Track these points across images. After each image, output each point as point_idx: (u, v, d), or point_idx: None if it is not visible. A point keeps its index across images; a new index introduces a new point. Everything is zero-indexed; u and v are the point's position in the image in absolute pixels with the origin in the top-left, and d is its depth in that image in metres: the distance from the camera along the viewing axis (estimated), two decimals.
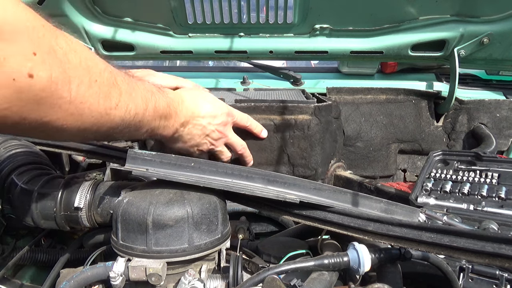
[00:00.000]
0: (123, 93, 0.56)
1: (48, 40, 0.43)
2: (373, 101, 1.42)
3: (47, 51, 0.43)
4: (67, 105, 0.47)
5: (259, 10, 1.28)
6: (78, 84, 0.47)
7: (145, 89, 0.64)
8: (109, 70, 0.54)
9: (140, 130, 0.66)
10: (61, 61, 0.45)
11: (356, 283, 0.67)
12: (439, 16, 1.26)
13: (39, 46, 0.41)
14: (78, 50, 0.48)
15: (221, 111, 0.85)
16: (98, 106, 0.52)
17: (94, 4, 1.31)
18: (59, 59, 0.44)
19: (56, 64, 0.44)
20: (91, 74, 0.50)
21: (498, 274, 0.67)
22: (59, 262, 0.87)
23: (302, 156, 1.02)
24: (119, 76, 0.57)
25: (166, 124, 0.73)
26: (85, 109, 0.50)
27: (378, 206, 0.70)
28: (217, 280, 0.65)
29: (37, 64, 0.41)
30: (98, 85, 0.51)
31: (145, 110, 0.63)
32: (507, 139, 1.36)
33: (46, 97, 0.44)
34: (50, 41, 0.43)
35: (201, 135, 0.83)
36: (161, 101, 0.68)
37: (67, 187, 0.80)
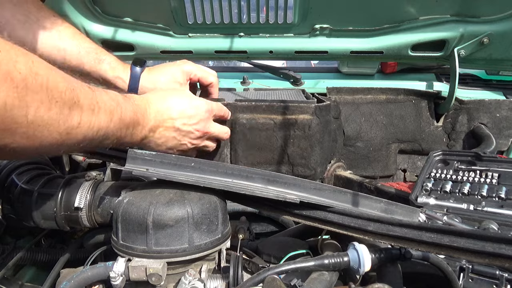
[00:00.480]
0: (85, 110, 0.55)
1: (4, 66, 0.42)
2: (373, 101, 1.42)
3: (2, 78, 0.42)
4: (24, 129, 0.46)
5: (259, 10, 1.28)
6: (37, 107, 0.46)
7: (110, 100, 0.63)
8: (70, 88, 0.53)
9: (105, 141, 0.64)
10: (18, 87, 0.43)
11: (356, 283, 0.67)
12: (439, 16, 1.26)
13: None
14: (40, 73, 0.47)
15: (197, 110, 0.83)
16: (58, 127, 0.51)
17: (94, 4, 1.31)
18: (15, 85, 0.43)
19: (11, 91, 0.42)
20: (52, 96, 0.48)
21: (498, 274, 0.67)
22: (59, 262, 0.87)
23: (302, 156, 1.02)
24: (82, 93, 0.55)
25: (133, 132, 0.71)
26: (44, 131, 0.49)
27: (378, 206, 0.70)
28: (217, 280, 0.65)
29: None
30: (59, 106, 0.50)
31: (110, 122, 0.62)
32: (507, 139, 1.36)
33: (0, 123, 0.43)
34: (7, 66, 0.42)
35: (177, 137, 0.81)
36: (127, 110, 0.67)
37: (67, 187, 0.80)
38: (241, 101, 1.02)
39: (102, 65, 0.91)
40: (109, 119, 0.61)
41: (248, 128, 1.01)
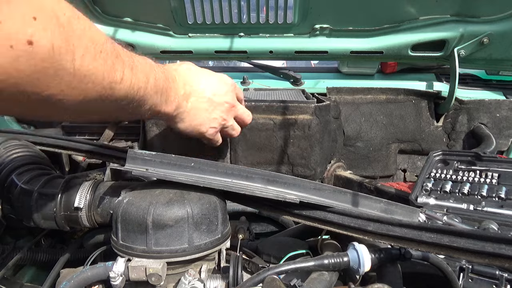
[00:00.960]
0: (127, 67, 0.53)
1: (50, 4, 0.39)
2: (373, 101, 1.42)
3: (49, 16, 0.39)
4: (70, 78, 0.43)
5: (259, 10, 1.28)
6: (83, 54, 0.44)
7: (145, 63, 0.62)
8: (110, 41, 0.51)
9: (143, 106, 0.63)
10: (64, 29, 0.40)
11: (356, 283, 0.67)
12: (439, 16, 1.26)
13: (40, 10, 0.37)
14: (81, 18, 0.44)
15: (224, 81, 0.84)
16: (102, 79, 0.48)
17: (94, 4, 1.31)
18: (62, 26, 0.40)
19: (58, 32, 0.39)
20: (96, 44, 0.46)
21: (498, 274, 0.67)
22: (59, 262, 0.87)
23: (302, 156, 1.02)
24: (120, 49, 0.54)
25: (167, 99, 0.70)
26: (89, 83, 0.46)
27: (378, 206, 0.70)
28: (217, 280, 0.65)
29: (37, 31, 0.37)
30: (103, 57, 0.47)
31: (147, 84, 0.60)
32: (507, 139, 1.36)
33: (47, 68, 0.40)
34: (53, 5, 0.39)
35: (209, 108, 0.80)
36: (159, 74, 0.66)
37: (67, 187, 0.80)
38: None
39: None
40: (146, 79, 0.60)
41: (248, 128, 1.01)
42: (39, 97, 0.42)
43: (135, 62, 0.57)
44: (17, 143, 0.94)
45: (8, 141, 0.94)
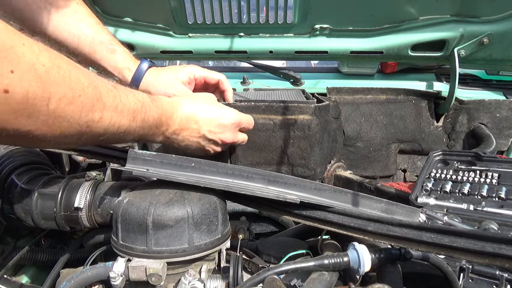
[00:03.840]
0: (107, 107, 0.58)
1: (28, 58, 0.45)
2: (373, 101, 1.42)
3: (26, 69, 0.44)
4: (45, 118, 0.49)
5: (259, 10, 1.28)
6: (59, 98, 0.49)
7: (135, 101, 0.66)
8: (93, 85, 0.55)
9: (126, 137, 0.67)
10: (41, 78, 0.46)
11: (356, 283, 0.67)
12: (439, 16, 1.26)
13: (17, 64, 0.43)
14: (63, 67, 0.50)
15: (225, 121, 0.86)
16: (79, 119, 0.53)
17: (94, 4, 1.31)
18: (39, 76, 0.46)
19: (34, 81, 0.45)
20: (75, 89, 0.51)
21: (498, 274, 0.67)
22: (59, 262, 0.87)
23: (302, 156, 1.02)
24: (104, 91, 0.58)
25: (155, 132, 0.74)
26: (64, 122, 0.51)
27: (378, 206, 0.70)
28: (217, 280, 0.65)
29: (13, 82, 0.43)
30: (81, 100, 0.52)
31: (132, 121, 0.64)
32: (507, 139, 1.36)
33: (22, 110, 0.45)
34: (31, 59, 0.45)
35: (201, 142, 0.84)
36: (152, 112, 0.70)
37: (67, 187, 0.80)
38: (240, 102, 1.02)
39: (113, 55, 0.95)
40: (132, 118, 0.64)
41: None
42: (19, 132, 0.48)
43: (122, 102, 0.62)
44: None
45: None
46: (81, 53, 0.94)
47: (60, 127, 0.51)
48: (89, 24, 0.93)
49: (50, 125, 0.50)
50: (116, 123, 0.61)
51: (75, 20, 0.91)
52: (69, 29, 0.91)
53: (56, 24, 0.90)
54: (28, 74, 0.44)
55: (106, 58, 0.95)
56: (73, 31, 0.91)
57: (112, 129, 0.61)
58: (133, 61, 0.97)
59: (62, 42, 0.92)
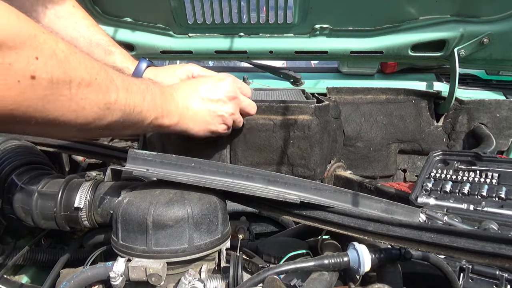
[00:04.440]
0: (120, 89, 0.61)
1: (49, 45, 0.47)
2: (373, 101, 1.42)
3: (49, 54, 0.47)
4: (69, 102, 0.52)
5: (259, 10, 1.28)
6: (79, 82, 0.52)
7: (140, 83, 0.69)
8: (104, 69, 0.59)
9: (144, 121, 0.70)
10: (62, 63, 0.49)
11: (356, 283, 0.67)
12: (439, 16, 1.26)
13: (41, 51, 0.46)
14: (78, 53, 0.53)
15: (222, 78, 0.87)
16: (98, 101, 0.56)
17: (94, 4, 1.31)
18: (60, 61, 0.49)
19: (57, 66, 0.48)
20: (91, 73, 0.55)
21: (498, 274, 0.67)
22: (59, 262, 0.87)
23: (302, 157, 1.02)
24: (115, 75, 0.62)
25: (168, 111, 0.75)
26: (86, 105, 0.55)
27: (378, 206, 0.70)
28: (217, 280, 0.65)
29: (39, 67, 0.46)
30: (98, 82, 0.56)
31: (143, 101, 0.68)
32: (507, 139, 1.36)
33: (48, 95, 0.48)
34: (52, 45, 0.48)
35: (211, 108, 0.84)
36: (156, 91, 0.73)
37: (67, 187, 0.80)
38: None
39: (111, 56, 0.96)
40: (142, 98, 0.68)
41: (248, 129, 1.00)
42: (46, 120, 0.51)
43: (130, 84, 0.65)
44: (17, 143, 0.94)
45: (8, 141, 0.94)
46: None
47: (82, 111, 0.55)
48: (86, 26, 0.95)
49: (74, 109, 0.53)
50: (131, 102, 0.64)
51: (72, 22, 0.93)
52: (66, 31, 0.92)
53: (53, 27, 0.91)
54: (51, 59, 0.47)
55: (104, 59, 0.95)
56: (70, 33, 0.92)
57: (129, 109, 0.64)
58: (131, 61, 0.98)
59: None
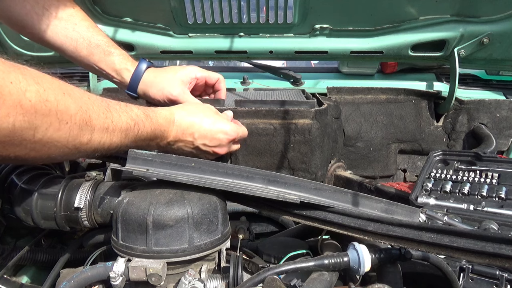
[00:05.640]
0: (96, 130, 0.61)
1: (14, 96, 0.48)
2: (373, 101, 1.42)
3: (11, 105, 0.47)
4: (33, 145, 0.52)
5: (259, 10, 1.28)
6: (46, 128, 0.52)
7: (128, 119, 0.68)
8: (83, 110, 0.58)
9: (119, 151, 0.70)
10: (27, 112, 0.49)
11: (356, 283, 0.68)
12: (439, 16, 1.26)
13: (3, 102, 0.46)
14: (50, 99, 0.53)
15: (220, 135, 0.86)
16: (67, 143, 0.56)
17: (94, 4, 1.31)
18: (25, 110, 0.49)
19: (20, 115, 0.48)
20: (61, 119, 0.54)
21: (498, 274, 0.67)
22: (59, 262, 0.87)
23: (303, 161, 1.02)
24: (95, 114, 0.61)
25: (150, 144, 0.77)
26: (52, 147, 0.55)
27: (378, 206, 0.70)
28: (217, 280, 0.65)
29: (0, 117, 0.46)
30: (69, 127, 0.55)
31: (124, 139, 0.67)
32: (507, 139, 1.36)
33: (9, 141, 0.49)
34: (17, 96, 0.48)
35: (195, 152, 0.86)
36: (146, 128, 0.72)
37: (67, 187, 0.80)
38: (241, 106, 1.02)
39: (111, 57, 0.96)
40: (124, 136, 0.67)
41: (248, 133, 1.00)
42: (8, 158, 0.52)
43: (114, 122, 0.64)
44: None
45: None
46: (78, 57, 0.95)
47: (48, 151, 0.55)
48: (86, 28, 0.95)
49: (38, 150, 0.54)
50: (107, 142, 0.64)
51: (72, 24, 0.93)
52: (66, 33, 0.92)
53: (53, 29, 0.91)
54: (14, 109, 0.48)
55: (104, 60, 0.96)
56: (70, 35, 0.93)
57: (102, 148, 0.64)
58: (131, 62, 0.98)
59: (60, 46, 0.93)
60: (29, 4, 0.87)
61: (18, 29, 0.92)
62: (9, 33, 1.32)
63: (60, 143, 0.55)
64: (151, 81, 0.96)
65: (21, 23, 0.88)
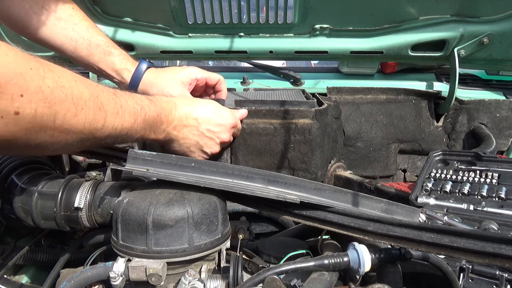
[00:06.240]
0: (109, 115, 0.63)
1: (35, 82, 0.49)
2: (373, 101, 1.42)
3: (33, 91, 0.49)
4: (52, 132, 0.54)
5: (259, 10, 1.28)
6: (65, 114, 0.54)
7: (134, 104, 0.70)
8: (95, 96, 0.60)
9: (130, 138, 0.71)
10: (47, 98, 0.51)
11: (356, 283, 0.68)
12: (439, 16, 1.26)
13: (26, 89, 0.48)
14: (65, 85, 0.54)
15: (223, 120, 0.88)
16: (83, 129, 0.58)
17: (94, 4, 1.31)
18: (45, 96, 0.50)
19: (41, 101, 0.50)
20: (77, 104, 0.56)
21: (498, 274, 0.67)
22: (59, 262, 0.87)
23: (303, 161, 1.02)
24: (106, 99, 0.63)
25: (156, 130, 0.77)
26: (70, 133, 0.57)
27: (378, 206, 0.70)
28: (217, 280, 0.65)
29: (23, 104, 0.48)
30: (84, 112, 0.57)
31: (133, 123, 0.69)
32: (507, 139, 1.36)
33: (32, 127, 0.51)
34: (38, 82, 0.50)
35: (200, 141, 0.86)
36: (151, 112, 0.73)
37: (67, 187, 0.80)
38: (241, 106, 1.02)
39: (111, 57, 0.97)
40: (133, 120, 0.68)
41: (248, 133, 1.00)
42: (29, 146, 0.53)
43: (123, 107, 0.66)
44: None
45: None
46: (78, 57, 0.95)
47: (65, 137, 0.57)
48: (86, 28, 0.95)
49: (57, 136, 0.55)
50: (119, 127, 0.65)
51: (72, 24, 0.93)
52: (66, 33, 0.92)
53: (53, 29, 0.91)
54: (35, 96, 0.49)
55: (104, 60, 0.96)
56: (70, 35, 0.93)
57: (115, 132, 0.65)
58: (131, 62, 0.98)
59: (60, 46, 0.93)
60: (28, 3, 0.87)
61: (17, 30, 0.92)
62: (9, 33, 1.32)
63: (77, 128, 0.57)
64: (151, 82, 0.96)
65: (20, 23, 0.88)
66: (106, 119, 0.62)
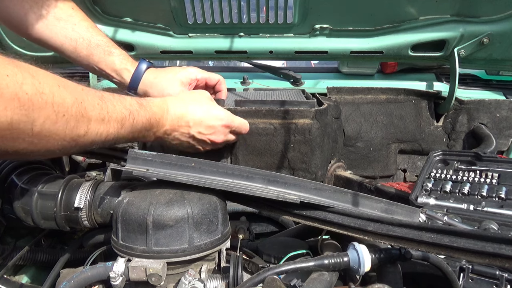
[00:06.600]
0: (93, 121, 0.61)
1: (11, 89, 0.48)
2: (373, 101, 1.42)
3: (9, 98, 0.47)
4: (31, 139, 0.52)
5: (259, 10, 1.28)
6: (43, 121, 0.52)
7: (123, 109, 0.68)
8: (79, 102, 0.58)
9: (117, 143, 0.70)
10: (24, 105, 0.49)
11: (356, 283, 0.68)
12: (439, 16, 1.26)
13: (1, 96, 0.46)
14: (46, 92, 0.52)
15: (215, 122, 0.87)
16: (65, 136, 0.56)
17: (94, 4, 1.31)
18: (22, 104, 0.49)
19: (17, 109, 0.48)
20: (58, 111, 0.54)
21: (498, 274, 0.67)
22: (59, 262, 0.87)
23: (303, 161, 1.02)
24: (90, 105, 0.61)
25: (146, 134, 0.76)
26: (50, 141, 0.55)
27: (378, 206, 0.70)
28: (217, 280, 0.65)
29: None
30: (66, 119, 0.55)
31: (120, 129, 0.67)
32: (507, 139, 1.36)
33: (8, 134, 0.49)
34: (14, 89, 0.48)
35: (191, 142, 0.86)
36: (140, 117, 0.72)
37: (67, 187, 0.80)
38: (240, 105, 1.02)
39: (111, 57, 0.96)
40: (120, 126, 0.67)
41: (248, 133, 1.00)
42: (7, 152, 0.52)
43: (109, 113, 0.64)
44: None
45: None
46: (78, 57, 0.95)
47: (46, 144, 0.55)
48: (85, 28, 0.95)
49: (36, 144, 0.53)
50: (104, 133, 0.63)
51: (71, 24, 0.93)
52: (66, 33, 0.92)
53: (53, 29, 0.91)
54: (11, 103, 0.47)
55: (104, 60, 0.96)
56: (69, 35, 0.93)
57: (100, 139, 0.63)
58: (131, 62, 0.98)
59: (59, 46, 0.93)
60: (28, 4, 0.87)
61: (17, 30, 0.92)
62: (9, 33, 1.32)
63: (58, 136, 0.55)
64: (151, 82, 0.97)
65: (19, 23, 0.88)
66: (89, 126, 0.60)
